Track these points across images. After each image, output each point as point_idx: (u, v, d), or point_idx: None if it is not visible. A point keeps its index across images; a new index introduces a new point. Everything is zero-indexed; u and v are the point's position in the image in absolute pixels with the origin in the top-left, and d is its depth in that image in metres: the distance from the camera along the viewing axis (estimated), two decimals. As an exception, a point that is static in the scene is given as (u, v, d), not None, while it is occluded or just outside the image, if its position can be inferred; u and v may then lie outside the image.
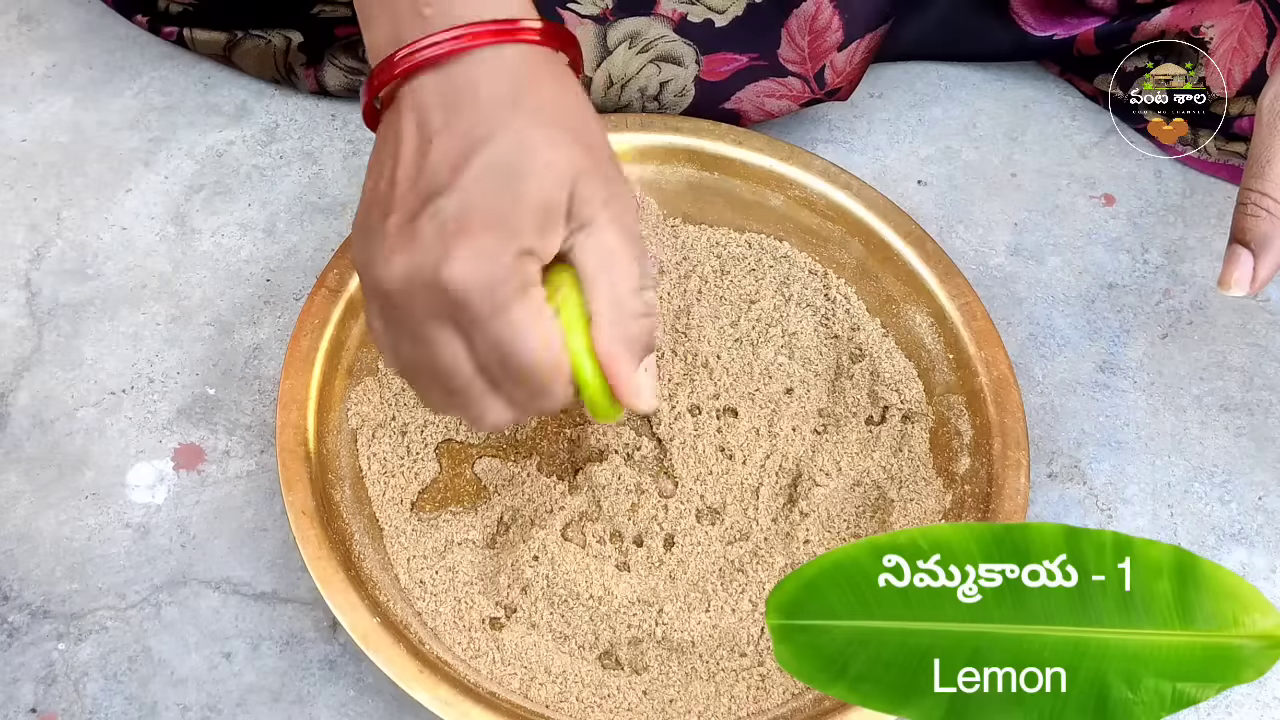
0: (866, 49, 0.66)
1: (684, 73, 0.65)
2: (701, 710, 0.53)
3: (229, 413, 0.61)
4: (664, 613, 0.54)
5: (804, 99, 0.67)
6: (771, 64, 0.65)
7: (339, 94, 0.70)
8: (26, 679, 0.54)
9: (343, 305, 0.58)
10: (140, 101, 0.70)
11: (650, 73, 0.64)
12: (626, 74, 0.64)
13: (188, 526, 0.57)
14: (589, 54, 0.64)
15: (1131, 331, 0.67)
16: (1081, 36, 0.70)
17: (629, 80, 0.65)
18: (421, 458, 0.57)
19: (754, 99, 0.66)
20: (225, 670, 0.54)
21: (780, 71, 0.65)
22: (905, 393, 0.60)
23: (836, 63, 0.65)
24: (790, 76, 0.65)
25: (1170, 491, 0.62)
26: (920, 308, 0.62)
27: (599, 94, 0.65)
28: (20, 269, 0.64)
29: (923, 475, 0.58)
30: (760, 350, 0.61)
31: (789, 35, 0.64)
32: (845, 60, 0.65)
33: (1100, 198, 0.71)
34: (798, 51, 0.65)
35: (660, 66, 0.64)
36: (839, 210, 0.63)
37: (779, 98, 0.66)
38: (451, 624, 0.53)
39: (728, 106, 0.66)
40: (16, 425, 0.59)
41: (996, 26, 0.73)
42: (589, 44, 0.64)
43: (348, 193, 0.68)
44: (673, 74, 0.65)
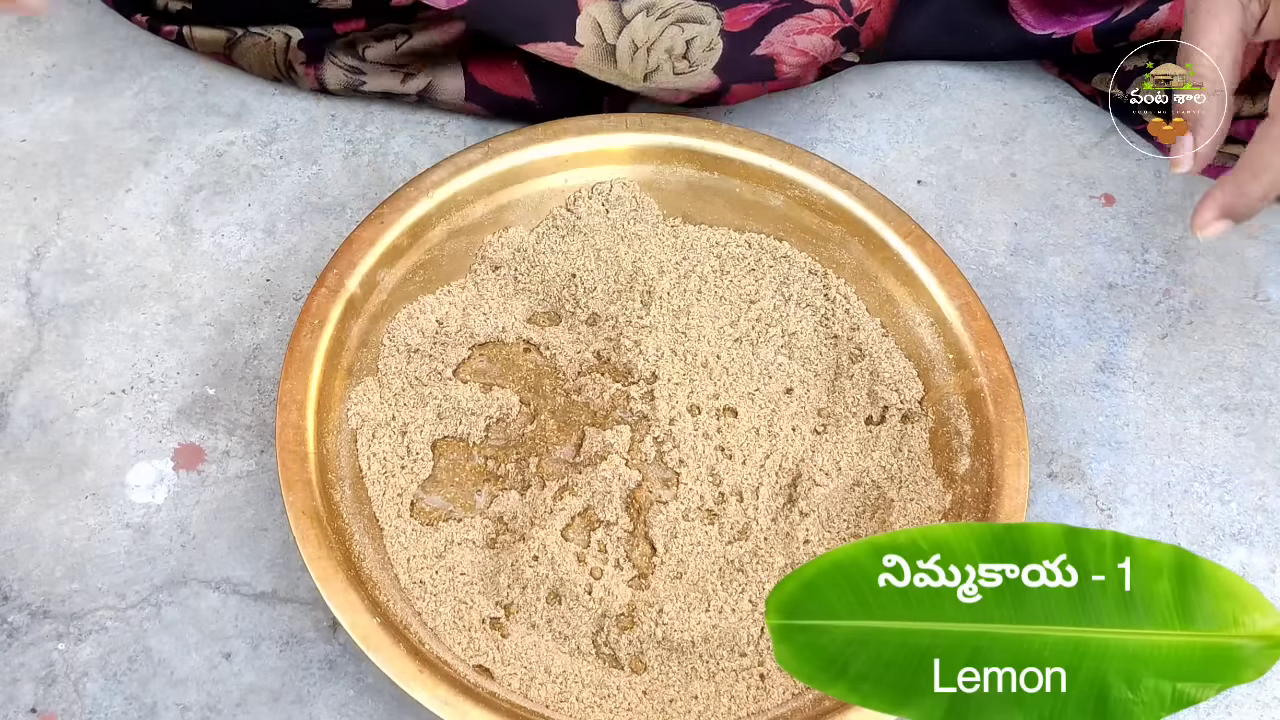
0: None
1: (707, 29, 0.63)
2: (701, 710, 0.53)
3: (229, 413, 0.61)
4: (664, 613, 0.54)
5: (835, 29, 0.65)
6: (795, 3, 0.64)
7: (339, 93, 0.70)
8: (26, 679, 0.54)
9: (343, 305, 0.58)
10: (140, 101, 0.70)
11: (674, 33, 0.63)
12: (650, 38, 0.63)
13: (188, 526, 0.58)
14: (608, 27, 0.63)
15: (1131, 331, 0.67)
16: (1080, 35, 0.70)
17: (654, 44, 0.63)
18: (421, 458, 0.57)
19: (785, 40, 0.65)
20: (225, 670, 0.54)
21: (805, 6, 0.64)
22: (905, 393, 0.60)
23: None
24: (816, 9, 0.64)
25: (1170, 491, 0.62)
26: (920, 308, 0.62)
27: (625, 61, 0.64)
28: (20, 269, 0.64)
29: (922, 475, 0.58)
30: (760, 350, 0.61)
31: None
32: None
33: (1100, 198, 0.71)
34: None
35: (683, 27, 0.63)
36: (839, 210, 0.63)
37: (810, 33, 0.64)
38: (451, 624, 0.54)
39: (760, 53, 0.65)
40: (16, 425, 0.59)
41: (996, 25, 0.73)
42: (606, 18, 0.63)
43: (348, 193, 0.68)
44: (696, 32, 0.63)
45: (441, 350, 0.60)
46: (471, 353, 0.61)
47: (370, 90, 0.69)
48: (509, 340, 0.61)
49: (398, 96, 0.69)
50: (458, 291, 0.62)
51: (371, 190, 0.68)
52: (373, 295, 0.59)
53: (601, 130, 0.64)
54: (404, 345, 0.60)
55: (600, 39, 0.63)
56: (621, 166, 0.64)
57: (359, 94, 0.70)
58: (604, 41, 0.63)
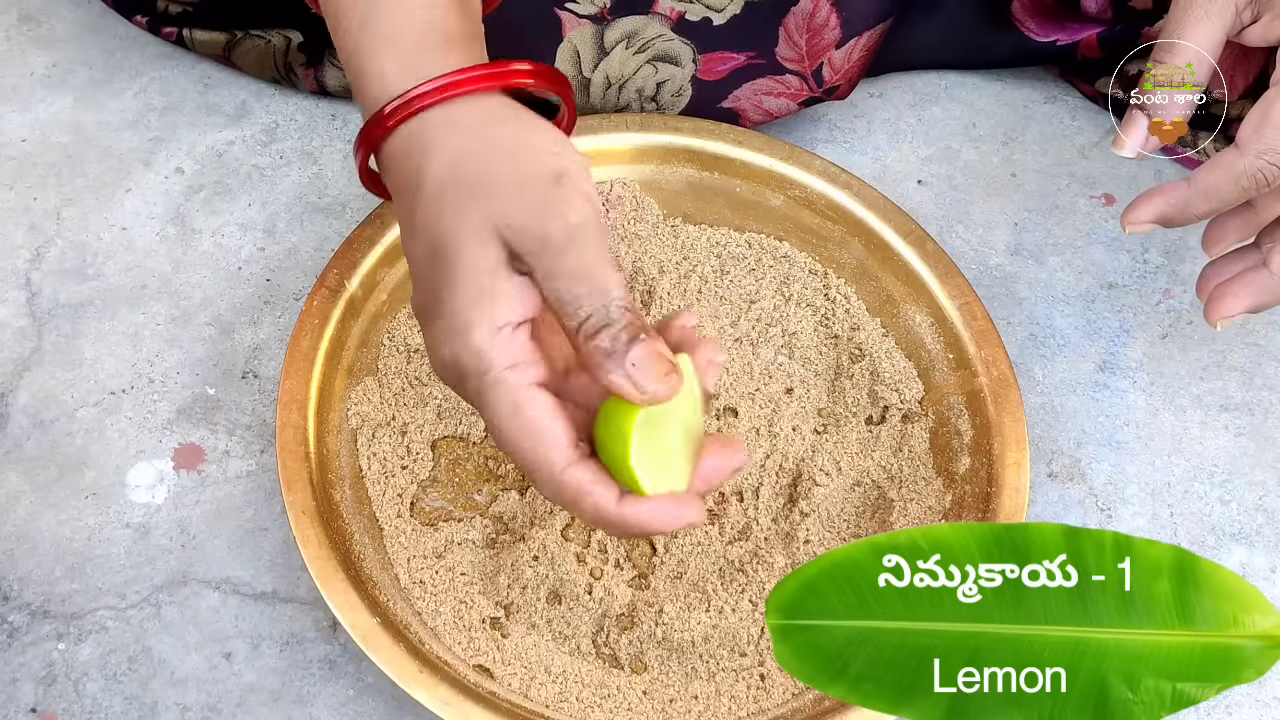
0: (865, 47, 0.66)
1: (681, 72, 0.65)
2: (701, 710, 0.53)
3: (229, 413, 0.61)
4: (664, 613, 0.54)
5: (802, 97, 0.67)
6: (769, 62, 0.65)
7: (339, 94, 0.70)
8: (26, 679, 0.54)
9: (343, 305, 0.58)
10: (140, 101, 0.70)
11: (647, 73, 0.64)
12: (623, 74, 0.64)
13: (188, 526, 0.57)
14: (586, 55, 0.64)
15: (1131, 331, 0.67)
16: (1085, 41, 0.70)
17: (626, 81, 0.65)
18: (421, 458, 0.57)
19: (752, 98, 0.66)
20: (225, 670, 0.54)
21: (778, 69, 0.65)
22: (905, 393, 0.60)
23: (834, 60, 0.65)
24: (788, 74, 0.65)
25: (1170, 491, 0.62)
26: (920, 308, 0.62)
27: (598, 95, 0.65)
28: (20, 269, 0.64)
29: (923, 475, 0.58)
30: (760, 350, 0.61)
31: (787, 33, 0.64)
32: (843, 58, 0.65)
33: (1100, 198, 0.71)
34: (795, 49, 0.64)
35: (657, 67, 0.64)
36: (839, 210, 0.63)
37: (777, 96, 0.66)
38: (451, 624, 0.53)
39: (725, 105, 0.66)
40: (16, 425, 0.59)
41: (999, 34, 0.72)
42: (586, 45, 0.64)
43: (348, 193, 0.68)
44: (669, 74, 0.65)
45: (441, 350, 0.60)
46: (471, 353, 0.61)
47: (370, 90, 0.69)
48: (509, 340, 0.61)
49: (397, 96, 0.69)
50: (458, 291, 0.62)
51: (371, 190, 0.68)
52: (373, 295, 0.59)
53: (601, 130, 0.64)
54: (404, 345, 0.60)
55: (577, 70, 0.64)
56: (621, 166, 0.64)
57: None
58: (580, 74, 0.64)
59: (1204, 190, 0.52)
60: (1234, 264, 0.55)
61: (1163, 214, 0.53)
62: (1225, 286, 0.54)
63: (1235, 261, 0.55)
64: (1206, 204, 0.52)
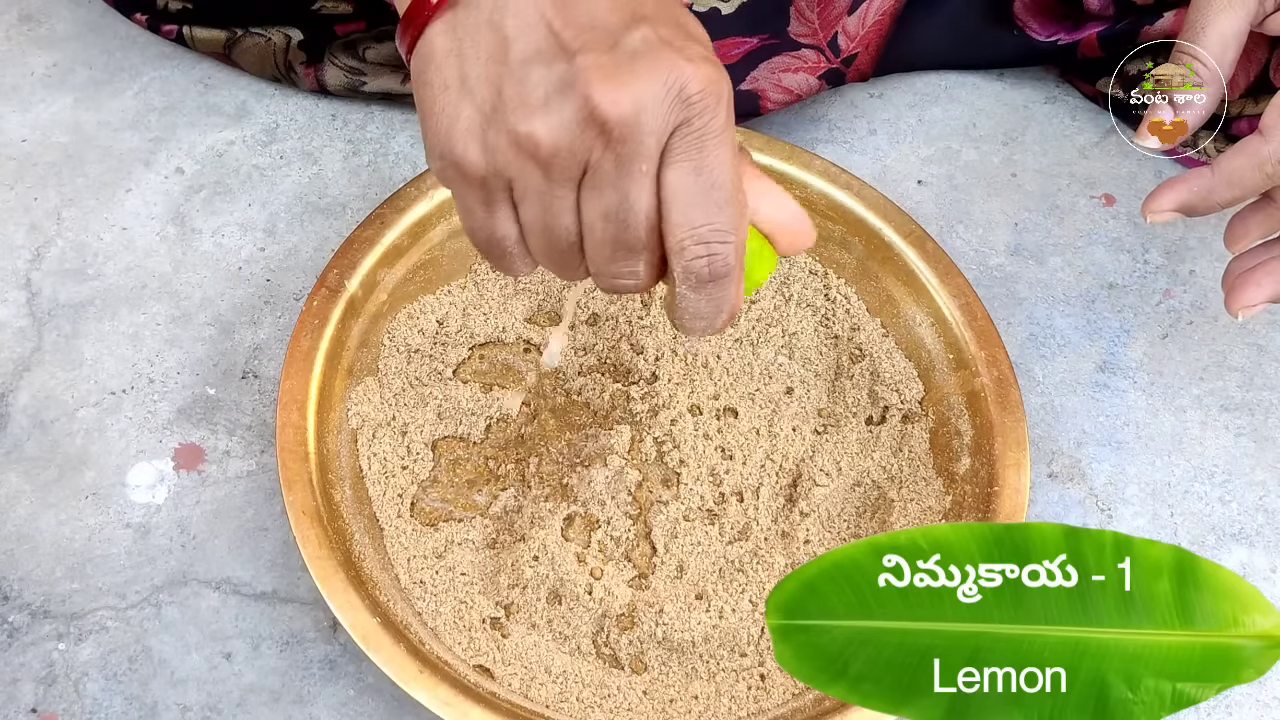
0: (879, 10, 0.65)
1: None
2: (701, 710, 0.53)
3: (229, 413, 0.61)
4: (664, 613, 0.54)
5: (821, 69, 0.65)
6: (783, 40, 0.64)
7: (339, 93, 0.70)
8: (26, 679, 0.54)
9: (343, 305, 0.58)
10: (140, 101, 0.70)
11: None
12: None
13: (188, 526, 0.57)
14: None
15: (1131, 331, 0.67)
16: (1085, 40, 0.70)
17: None
18: (421, 458, 0.57)
19: (770, 77, 0.65)
20: (225, 670, 0.54)
21: (793, 46, 0.64)
22: (905, 393, 0.60)
23: (849, 27, 0.64)
24: (804, 49, 0.64)
25: (1170, 491, 0.62)
26: (920, 308, 0.62)
27: None
28: (20, 269, 0.64)
29: (923, 475, 0.58)
30: (760, 350, 0.61)
31: (798, 11, 0.63)
32: (857, 24, 0.64)
33: (1100, 198, 0.71)
34: (808, 25, 0.63)
35: None
36: (839, 210, 0.63)
37: (796, 71, 0.65)
38: (451, 624, 0.53)
39: (744, 88, 0.65)
40: (16, 425, 0.59)
41: (1001, 33, 0.72)
42: None
43: (348, 193, 0.68)
44: None
45: (441, 350, 0.60)
46: (471, 353, 0.61)
47: (370, 90, 0.69)
48: (509, 340, 0.61)
49: (398, 96, 0.69)
50: (458, 291, 0.62)
51: (371, 190, 0.68)
52: (373, 295, 0.59)
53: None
54: (404, 345, 0.60)
55: None
56: (621, 166, 0.64)
57: (359, 94, 0.70)
58: None
59: (1227, 177, 0.51)
60: (1259, 254, 0.54)
61: (1185, 202, 0.52)
62: (1248, 275, 0.53)
63: (1261, 252, 0.54)
64: (1229, 191, 0.51)
